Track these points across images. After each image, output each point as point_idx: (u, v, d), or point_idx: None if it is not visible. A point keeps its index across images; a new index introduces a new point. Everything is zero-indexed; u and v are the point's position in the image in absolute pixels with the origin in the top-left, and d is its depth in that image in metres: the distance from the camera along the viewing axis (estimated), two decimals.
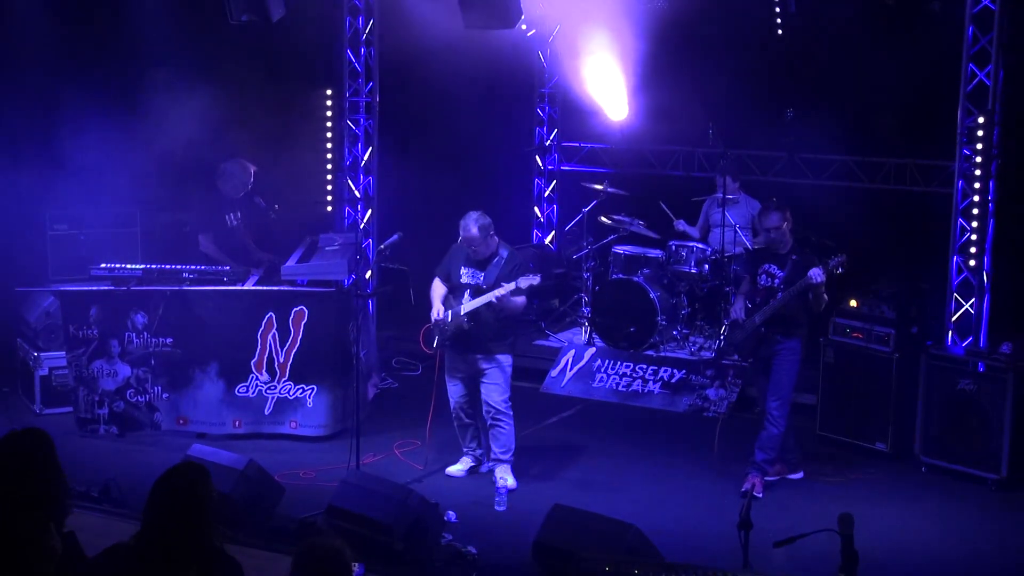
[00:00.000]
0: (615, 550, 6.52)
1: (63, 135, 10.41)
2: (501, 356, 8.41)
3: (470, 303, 8.28)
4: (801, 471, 8.74)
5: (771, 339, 8.38)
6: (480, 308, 8.24)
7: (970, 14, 9.22)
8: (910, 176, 11.28)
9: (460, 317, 8.29)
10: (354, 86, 11.29)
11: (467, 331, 8.31)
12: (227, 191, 10.03)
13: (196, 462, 4.73)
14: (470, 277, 8.39)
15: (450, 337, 8.37)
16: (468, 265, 8.42)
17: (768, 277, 8.44)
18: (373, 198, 11.47)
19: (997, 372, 8.61)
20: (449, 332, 8.35)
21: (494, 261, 8.38)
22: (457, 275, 8.44)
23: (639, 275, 11.18)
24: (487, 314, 8.28)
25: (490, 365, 8.40)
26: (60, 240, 10.28)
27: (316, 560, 4.20)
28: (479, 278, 8.36)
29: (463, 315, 8.28)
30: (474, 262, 8.40)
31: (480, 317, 8.28)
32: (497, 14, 10.03)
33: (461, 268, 8.44)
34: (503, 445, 8.49)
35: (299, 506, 7.87)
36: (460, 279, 8.42)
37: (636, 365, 10.69)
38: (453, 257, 8.52)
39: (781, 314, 8.33)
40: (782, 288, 8.31)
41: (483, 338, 8.36)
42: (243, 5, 10.24)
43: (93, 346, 9.32)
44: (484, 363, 8.41)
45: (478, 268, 8.38)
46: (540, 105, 13.22)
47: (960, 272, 9.51)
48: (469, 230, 8.28)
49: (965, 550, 7.68)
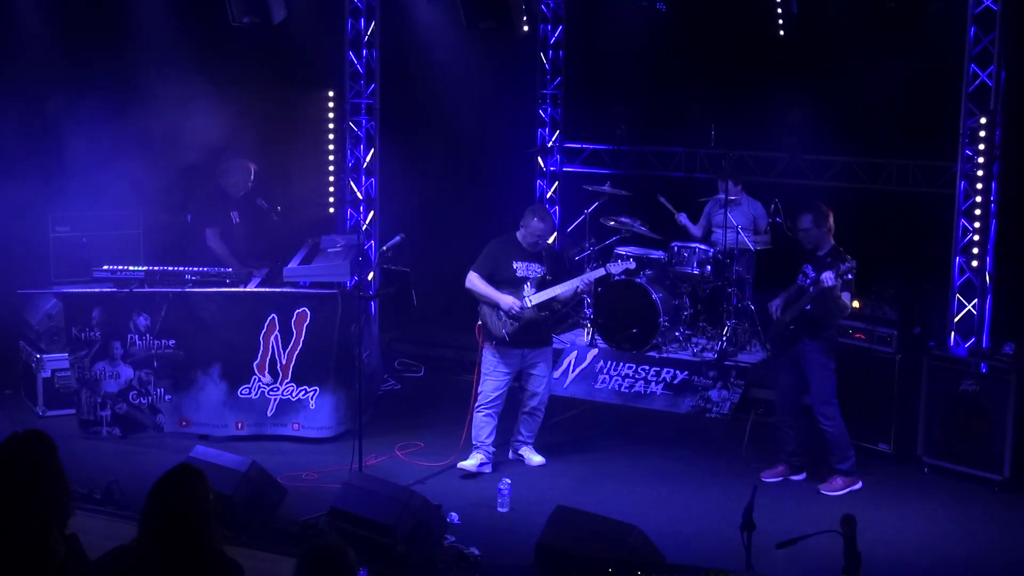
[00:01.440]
0: (617, 551, 6.52)
1: (65, 137, 10.41)
2: (552, 348, 9.00)
3: (541, 294, 8.59)
4: (804, 472, 8.76)
5: (798, 338, 8.50)
6: (554, 299, 8.63)
7: (972, 15, 9.23)
8: (912, 177, 11.27)
9: (531, 308, 8.56)
10: (356, 88, 11.31)
11: (536, 322, 8.64)
12: (229, 189, 10.04)
13: (191, 465, 4.71)
14: (526, 270, 8.64)
15: (520, 329, 8.60)
16: (521, 259, 8.65)
17: (803, 277, 8.58)
18: (375, 200, 11.49)
19: (1000, 373, 8.61)
20: (520, 324, 8.58)
21: (545, 254, 8.73)
22: (510, 270, 8.65)
23: (641, 276, 11.17)
24: (555, 305, 8.71)
25: (547, 356, 8.87)
26: (62, 242, 10.29)
27: (321, 563, 4.20)
28: (537, 271, 8.64)
29: (532, 305, 8.56)
30: (525, 255, 8.65)
31: (551, 307, 8.70)
32: (500, 16, 10.03)
33: (513, 263, 8.65)
34: (532, 429, 8.99)
35: (301, 508, 7.87)
36: (515, 273, 8.64)
37: (638, 366, 10.67)
38: (498, 253, 8.72)
39: (809, 315, 8.41)
40: (811, 289, 8.38)
41: (546, 330, 8.84)
42: (244, 7, 10.25)
43: (96, 348, 9.32)
44: (543, 354, 8.81)
45: (532, 261, 8.66)
46: (542, 106, 13.22)
47: (962, 273, 9.51)
48: (539, 221, 8.63)
49: (968, 551, 7.67)
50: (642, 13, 11.34)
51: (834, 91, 11.27)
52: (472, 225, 11.06)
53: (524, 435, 8.98)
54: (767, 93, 11.70)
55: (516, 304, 8.56)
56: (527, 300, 8.56)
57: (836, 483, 8.54)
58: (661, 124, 12.60)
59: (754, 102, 11.83)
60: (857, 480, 8.58)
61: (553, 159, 13.37)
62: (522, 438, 9.00)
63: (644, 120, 12.53)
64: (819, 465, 8.72)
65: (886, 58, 10.70)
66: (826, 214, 8.52)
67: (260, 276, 9.64)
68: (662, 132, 12.62)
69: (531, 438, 9.00)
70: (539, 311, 8.62)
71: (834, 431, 8.55)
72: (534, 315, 8.60)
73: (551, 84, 13.15)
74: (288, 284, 9.43)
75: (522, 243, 8.68)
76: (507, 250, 8.69)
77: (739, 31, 11.47)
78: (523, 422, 8.96)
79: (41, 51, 10.45)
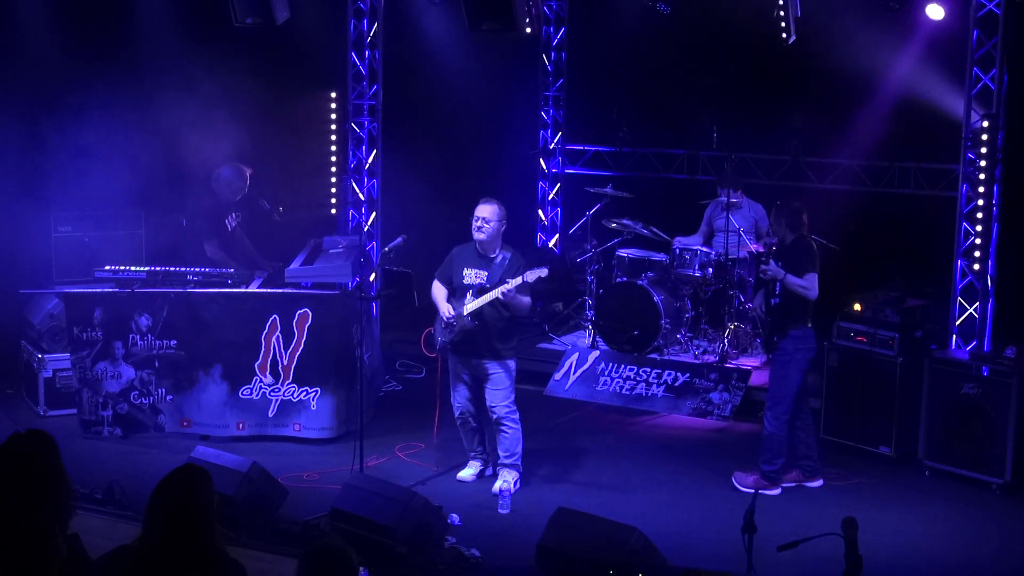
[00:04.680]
0: (619, 553, 6.52)
1: (67, 137, 10.42)
2: (505, 362, 8.35)
3: (473, 301, 8.21)
4: (820, 479, 8.62)
5: (773, 335, 8.48)
6: (484, 307, 8.18)
7: (975, 18, 9.22)
8: (914, 180, 11.27)
9: (463, 317, 8.23)
10: (358, 89, 11.31)
11: (472, 332, 8.25)
12: (223, 195, 9.99)
13: (196, 465, 4.72)
14: (474, 277, 8.33)
15: (455, 339, 8.33)
16: (472, 266, 8.36)
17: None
18: (377, 201, 11.49)
19: (1001, 376, 8.60)
20: (454, 333, 8.31)
21: (497, 261, 8.32)
22: (460, 276, 8.38)
23: (643, 278, 11.17)
24: (491, 314, 8.23)
25: (495, 369, 8.34)
26: (64, 242, 10.28)
27: (322, 563, 4.20)
28: (483, 278, 8.30)
29: (466, 314, 8.22)
30: (478, 263, 8.35)
31: (484, 316, 8.23)
32: (503, 17, 10.04)
33: (464, 269, 8.38)
34: (507, 449, 8.43)
35: (302, 509, 7.87)
36: (463, 280, 8.35)
37: (640, 368, 10.68)
38: (455, 259, 8.47)
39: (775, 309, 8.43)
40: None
41: (487, 341, 8.30)
42: (247, 8, 10.26)
43: (97, 348, 9.33)
44: (488, 367, 8.34)
45: (481, 268, 8.34)
46: (544, 108, 13.23)
47: (964, 276, 9.51)
48: (489, 201, 8.29)
49: (969, 554, 7.66)
50: (645, 15, 11.32)
51: (836, 93, 11.28)
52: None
53: (500, 455, 8.50)
54: (769, 95, 11.71)
55: (449, 312, 8.28)
56: (464, 308, 8.23)
57: (750, 480, 8.42)
58: (663, 126, 12.62)
59: (756, 104, 11.85)
60: (775, 487, 8.44)
61: (555, 161, 13.38)
62: (499, 459, 8.51)
63: (646, 122, 12.54)
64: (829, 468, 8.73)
65: (888, 60, 10.70)
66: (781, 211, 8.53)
67: (262, 277, 9.65)
68: (664, 134, 12.63)
69: (509, 458, 8.42)
70: (472, 319, 8.21)
71: (769, 432, 8.42)
72: (466, 324, 8.20)
73: (553, 86, 13.16)
74: (290, 285, 9.43)
75: (477, 247, 8.36)
76: (461, 257, 8.42)
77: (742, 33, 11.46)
78: (497, 441, 8.49)
79: (44, 51, 10.45)
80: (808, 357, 8.41)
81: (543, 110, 13.23)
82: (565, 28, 12.97)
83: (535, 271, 8.04)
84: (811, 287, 8.28)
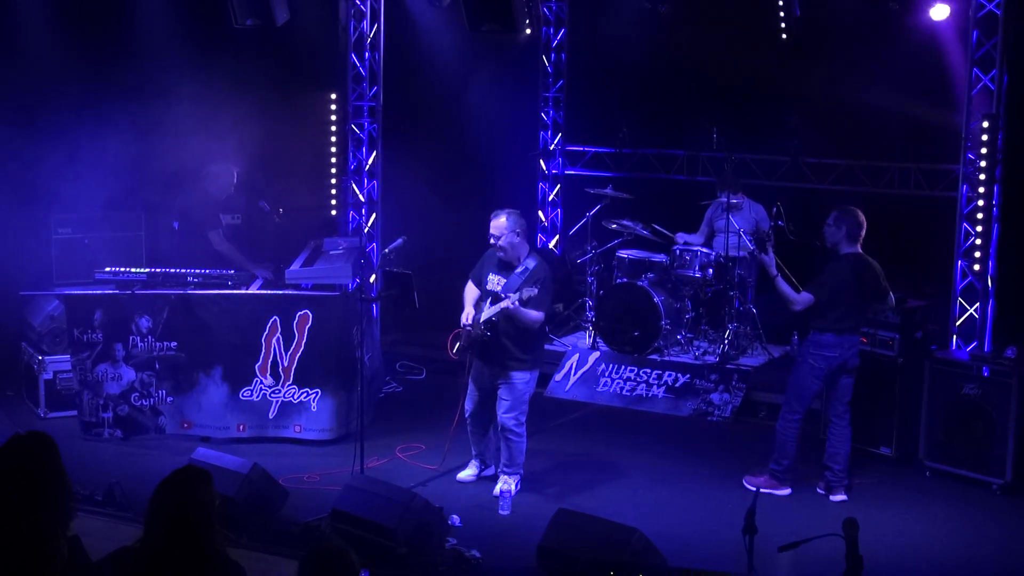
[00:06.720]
0: (619, 554, 6.52)
1: (67, 138, 10.42)
2: (517, 374, 8.12)
3: (488, 310, 8.04)
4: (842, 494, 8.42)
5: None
6: (495, 318, 7.99)
7: (975, 18, 9.23)
8: (914, 180, 11.26)
9: (479, 325, 8.06)
10: (359, 90, 11.31)
11: (486, 342, 8.07)
12: (213, 192, 10.03)
13: (197, 466, 4.73)
14: (495, 284, 8.15)
15: (472, 346, 8.18)
16: (495, 272, 8.19)
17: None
18: (377, 202, 11.49)
19: (1001, 377, 8.60)
20: (469, 339, 8.14)
21: (518, 271, 8.10)
22: (485, 281, 8.24)
23: (643, 279, 11.18)
24: (505, 325, 8.02)
25: (505, 381, 8.17)
26: (65, 244, 10.28)
27: (322, 565, 4.20)
28: (502, 286, 8.10)
29: (480, 323, 8.05)
30: (502, 268, 8.17)
31: (497, 328, 8.03)
32: (502, 19, 10.04)
33: (490, 274, 8.21)
34: (508, 458, 8.32)
35: (303, 510, 7.87)
36: (487, 285, 8.22)
37: (640, 369, 10.69)
38: (485, 262, 8.32)
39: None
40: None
41: (502, 351, 8.10)
42: (247, 9, 10.27)
43: (97, 350, 9.33)
44: (500, 378, 8.19)
45: (503, 276, 8.14)
46: (544, 109, 13.23)
47: (964, 276, 9.51)
48: (497, 216, 8.11)
49: (969, 554, 7.66)
50: (644, 16, 11.34)
51: (836, 94, 11.28)
52: (474, 227, 11.04)
53: (502, 462, 8.36)
54: (769, 96, 11.71)
55: (466, 318, 8.16)
56: (480, 316, 8.06)
57: (760, 479, 8.39)
58: (663, 127, 12.61)
59: (756, 105, 11.84)
60: (783, 487, 8.44)
61: (555, 162, 13.38)
62: (501, 465, 8.38)
63: (646, 123, 12.53)
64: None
65: (888, 61, 10.70)
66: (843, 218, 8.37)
67: (262, 278, 9.65)
68: (664, 135, 12.62)
69: (509, 467, 8.28)
70: (486, 329, 8.00)
71: (776, 430, 8.43)
72: (476, 332, 8.03)
73: (553, 87, 13.16)
74: (290, 286, 9.43)
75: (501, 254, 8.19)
76: (491, 260, 8.27)
77: (741, 34, 11.47)
78: (501, 447, 8.36)
79: (43, 52, 10.45)
80: (823, 365, 8.28)
81: (543, 111, 13.23)
82: (565, 29, 12.96)
83: (528, 290, 7.81)
84: (796, 302, 8.22)
